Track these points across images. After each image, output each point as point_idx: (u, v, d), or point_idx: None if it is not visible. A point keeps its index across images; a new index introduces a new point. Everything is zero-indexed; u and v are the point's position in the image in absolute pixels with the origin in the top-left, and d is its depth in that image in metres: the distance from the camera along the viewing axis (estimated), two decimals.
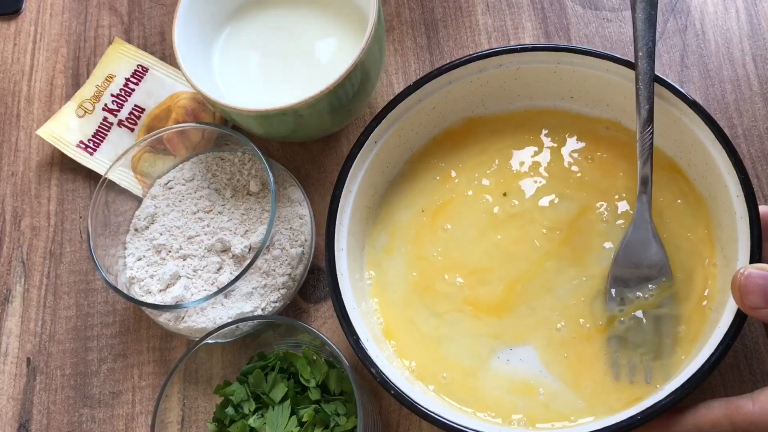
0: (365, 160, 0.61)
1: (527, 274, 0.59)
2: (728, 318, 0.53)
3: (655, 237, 0.58)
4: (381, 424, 0.60)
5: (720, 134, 0.57)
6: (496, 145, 0.64)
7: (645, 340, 0.56)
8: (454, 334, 0.59)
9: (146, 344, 0.65)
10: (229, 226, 0.63)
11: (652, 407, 0.51)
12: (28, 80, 0.76)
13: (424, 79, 0.62)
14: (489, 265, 0.60)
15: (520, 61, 0.62)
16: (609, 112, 0.63)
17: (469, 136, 0.65)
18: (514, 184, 0.62)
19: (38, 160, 0.73)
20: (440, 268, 0.61)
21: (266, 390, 0.57)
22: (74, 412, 0.64)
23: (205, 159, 0.66)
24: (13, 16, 0.79)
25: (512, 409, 0.56)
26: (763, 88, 0.67)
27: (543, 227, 0.60)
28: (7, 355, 0.66)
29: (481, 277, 0.60)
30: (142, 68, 0.73)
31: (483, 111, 0.65)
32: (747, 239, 0.54)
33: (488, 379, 0.57)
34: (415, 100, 0.62)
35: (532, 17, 0.72)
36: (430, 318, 0.59)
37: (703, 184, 0.59)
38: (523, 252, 0.60)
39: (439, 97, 0.63)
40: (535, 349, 0.57)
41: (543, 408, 0.56)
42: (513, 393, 0.56)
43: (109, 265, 0.62)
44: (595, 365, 0.56)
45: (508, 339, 0.58)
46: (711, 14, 0.70)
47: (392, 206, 0.64)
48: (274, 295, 0.61)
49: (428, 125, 0.64)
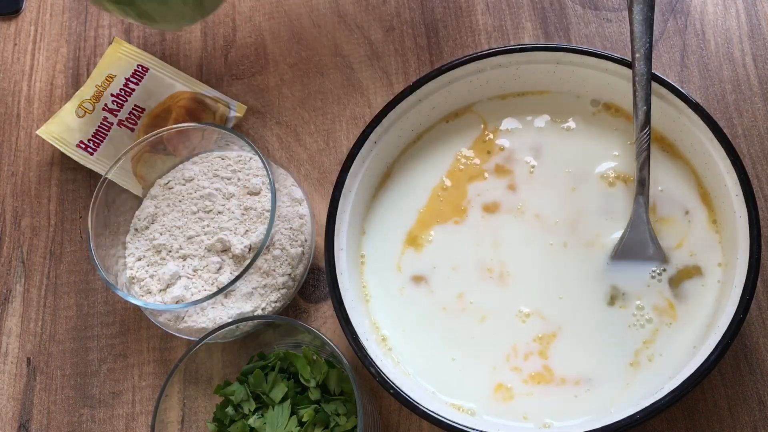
0: (365, 160, 0.61)
1: (530, 270, 0.59)
2: (728, 317, 0.53)
3: (652, 238, 0.58)
4: (381, 424, 0.60)
5: (720, 134, 0.57)
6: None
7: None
8: (455, 334, 0.59)
9: (146, 344, 0.65)
10: (229, 226, 0.63)
11: (652, 406, 0.51)
12: (28, 80, 0.76)
13: (424, 79, 0.62)
14: (491, 263, 0.60)
15: (519, 61, 0.62)
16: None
17: None
18: (516, 178, 0.62)
19: (38, 160, 0.73)
20: (441, 268, 0.61)
21: (266, 390, 0.57)
22: (74, 412, 0.64)
23: (205, 159, 0.66)
24: (13, 16, 0.79)
25: (513, 409, 0.56)
26: (763, 88, 0.67)
27: (545, 224, 0.60)
28: (7, 355, 0.66)
29: (483, 275, 0.60)
30: (142, 68, 0.73)
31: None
32: (747, 239, 0.54)
33: (488, 379, 0.57)
34: (415, 100, 0.62)
35: (532, 17, 0.72)
36: (431, 317, 0.59)
37: (703, 183, 0.60)
38: (526, 248, 0.60)
39: (439, 97, 0.63)
40: (536, 350, 0.57)
41: (544, 408, 0.56)
42: (513, 393, 0.56)
43: (109, 265, 0.62)
44: (596, 365, 0.56)
45: (509, 338, 0.58)
46: (711, 14, 0.70)
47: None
48: (274, 295, 0.61)
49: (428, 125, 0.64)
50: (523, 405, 0.56)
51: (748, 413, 0.58)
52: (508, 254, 0.60)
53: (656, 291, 0.57)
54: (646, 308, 0.57)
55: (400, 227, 0.62)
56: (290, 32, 0.75)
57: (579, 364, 0.56)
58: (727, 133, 0.57)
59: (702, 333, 0.56)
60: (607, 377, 0.56)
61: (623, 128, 0.62)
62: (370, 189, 0.63)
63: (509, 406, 0.56)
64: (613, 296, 0.58)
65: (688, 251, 0.58)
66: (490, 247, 0.61)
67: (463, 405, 0.56)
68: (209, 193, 0.64)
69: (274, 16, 0.76)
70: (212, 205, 0.64)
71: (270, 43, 0.75)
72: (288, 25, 0.75)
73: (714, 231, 0.58)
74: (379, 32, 0.74)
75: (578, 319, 0.58)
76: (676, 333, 0.56)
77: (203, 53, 0.75)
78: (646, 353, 0.56)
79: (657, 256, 0.58)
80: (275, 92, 0.73)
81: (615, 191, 0.61)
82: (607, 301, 0.58)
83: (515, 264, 0.60)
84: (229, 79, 0.74)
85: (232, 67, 0.74)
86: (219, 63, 0.74)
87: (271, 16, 0.76)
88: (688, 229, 0.59)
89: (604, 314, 0.57)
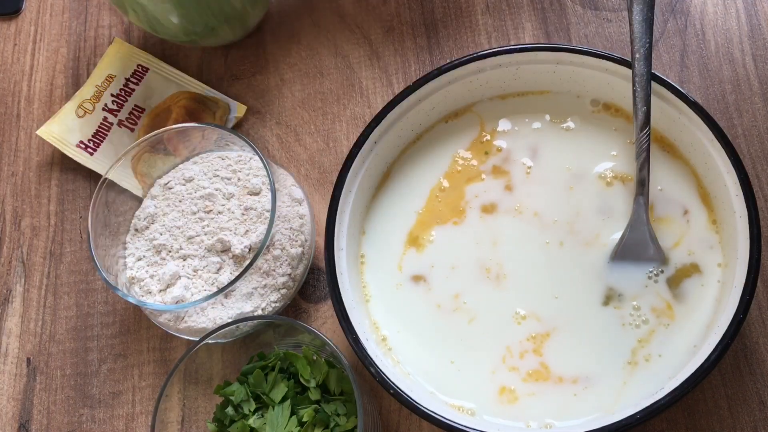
0: (365, 160, 0.61)
1: (527, 270, 0.60)
2: (728, 317, 0.53)
3: (652, 238, 0.58)
4: (381, 424, 0.60)
5: (720, 134, 0.57)
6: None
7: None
8: (455, 334, 0.59)
9: (146, 344, 0.65)
10: (229, 226, 0.63)
11: (652, 406, 0.51)
12: (28, 80, 0.76)
13: (424, 79, 0.62)
14: (490, 262, 0.60)
15: (519, 61, 0.62)
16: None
17: None
18: (513, 179, 0.62)
19: (38, 160, 0.73)
20: (440, 267, 0.61)
21: (266, 390, 0.57)
22: (74, 412, 0.64)
23: (205, 159, 0.66)
24: (13, 16, 0.79)
25: (518, 411, 0.56)
26: (763, 88, 0.67)
27: (543, 224, 0.60)
28: (7, 355, 0.66)
29: (481, 274, 0.60)
30: (142, 68, 0.73)
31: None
32: (746, 239, 0.54)
33: (489, 379, 0.57)
34: (415, 100, 0.62)
35: (532, 17, 0.72)
36: (431, 317, 0.59)
37: (703, 183, 0.60)
38: (524, 248, 0.60)
39: (439, 97, 0.63)
40: (530, 348, 0.57)
41: (545, 408, 0.56)
42: (514, 392, 0.56)
43: (109, 265, 0.62)
44: (592, 363, 0.56)
45: (502, 339, 0.58)
46: (711, 14, 0.70)
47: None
48: (274, 295, 0.61)
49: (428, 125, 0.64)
50: (527, 406, 0.56)
51: (748, 413, 0.58)
52: (506, 254, 0.60)
53: (654, 291, 0.57)
54: (643, 308, 0.57)
55: (401, 227, 0.62)
56: (290, 32, 0.75)
57: (575, 362, 0.57)
58: (727, 133, 0.57)
59: (702, 333, 0.56)
60: (605, 376, 0.56)
61: (622, 128, 0.62)
62: (370, 189, 0.63)
63: (514, 408, 0.56)
64: (609, 296, 0.58)
65: (687, 251, 0.58)
66: (489, 247, 0.61)
67: (463, 405, 0.56)
68: (209, 193, 0.64)
69: (274, 15, 0.76)
70: (212, 205, 0.64)
71: (270, 43, 0.75)
72: (288, 25, 0.75)
73: (714, 231, 0.58)
74: (379, 32, 0.74)
75: (572, 319, 0.58)
76: (675, 333, 0.56)
77: (203, 53, 0.75)
78: (643, 353, 0.56)
79: (657, 256, 0.58)
80: (275, 92, 0.73)
81: (613, 191, 0.61)
82: (602, 302, 0.58)
83: (513, 264, 0.60)
84: (229, 79, 0.74)
85: (232, 67, 0.74)
86: (219, 63, 0.74)
87: (271, 15, 0.76)
88: (687, 229, 0.59)
89: (598, 314, 0.57)
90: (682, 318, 0.57)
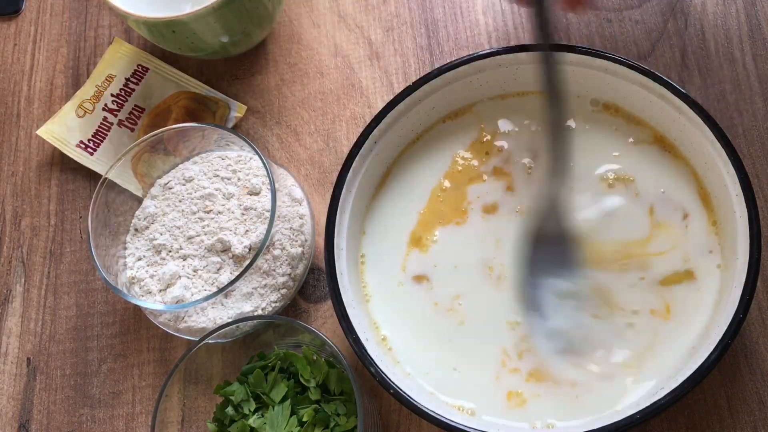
0: (365, 160, 0.61)
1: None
2: (728, 318, 0.53)
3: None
4: (381, 424, 0.60)
5: (720, 134, 0.57)
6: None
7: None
8: (455, 333, 0.59)
9: (146, 344, 0.65)
10: (229, 226, 0.63)
11: (652, 406, 0.51)
12: (28, 80, 0.76)
13: (424, 79, 0.62)
14: (493, 262, 0.60)
15: (519, 61, 0.62)
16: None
17: None
18: (514, 180, 0.62)
19: (38, 160, 0.73)
20: (443, 267, 0.61)
21: (266, 390, 0.57)
22: (74, 412, 0.64)
23: (205, 159, 0.66)
24: (13, 16, 0.79)
25: (513, 409, 0.56)
26: (763, 88, 0.67)
27: None
28: (7, 355, 0.66)
29: (484, 273, 0.60)
30: (142, 68, 0.73)
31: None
32: (746, 239, 0.54)
33: (489, 379, 0.57)
34: (415, 100, 0.62)
35: (532, 17, 0.72)
36: (431, 317, 0.59)
37: (704, 183, 0.60)
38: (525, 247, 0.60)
39: (439, 97, 0.63)
40: (525, 348, 0.57)
41: (546, 408, 0.56)
42: (514, 392, 0.56)
43: (109, 265, 0.62)
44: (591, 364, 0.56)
45: (509, 337, 0.58)
46: (711, 14, 0.70)
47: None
48: (274, 295, 0.61)
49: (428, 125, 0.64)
50: (532, 407, 0.56)
51: (748, 413, 0.58)
52: (509, 254, 0.60)
53: (651, 293, 0.57)
54: (641, 310, 0.57)
55: (401, 227, 0.62)
56: (290, 32, 0.75)
57: (573, 363, 0.56)
58: (727, 133, 0.57)
59: (701, 333, 0.56)
60: (604, 377, 0.56)
61: (623, 128, 0.62)
62: (370, 189, 0.63)
63: (522, 411, 0.56)
64: (608, 296, 0.58)
65: (686, 251, 0.58)
66: (492, 248, 0.61)
67: (463, 405, 0.56)
68: (209, 193, 0.64)
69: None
70: (212, 205, 0.64)
71: (270, 43, 0.75)
72: (288, 25, 0.75)
73: (714, 232, 0.58)
74: (379, 32, 0.74)
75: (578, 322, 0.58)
76: (674, 334, 0.56)
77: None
78: (642, 353, 0.56)
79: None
80: (275, 92, 0.73)
81: (614, 192, 0.61)
82: (600, 302, 0.58)
83: (514, 264, 0.60)
84: (229, 78, 0.74)
85: (232, 67, 0.74)
86: (219, 63, 0.74)
87: None
88: (687, 230, 0.59)
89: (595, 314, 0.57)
90: (680, 319, 0.57)
